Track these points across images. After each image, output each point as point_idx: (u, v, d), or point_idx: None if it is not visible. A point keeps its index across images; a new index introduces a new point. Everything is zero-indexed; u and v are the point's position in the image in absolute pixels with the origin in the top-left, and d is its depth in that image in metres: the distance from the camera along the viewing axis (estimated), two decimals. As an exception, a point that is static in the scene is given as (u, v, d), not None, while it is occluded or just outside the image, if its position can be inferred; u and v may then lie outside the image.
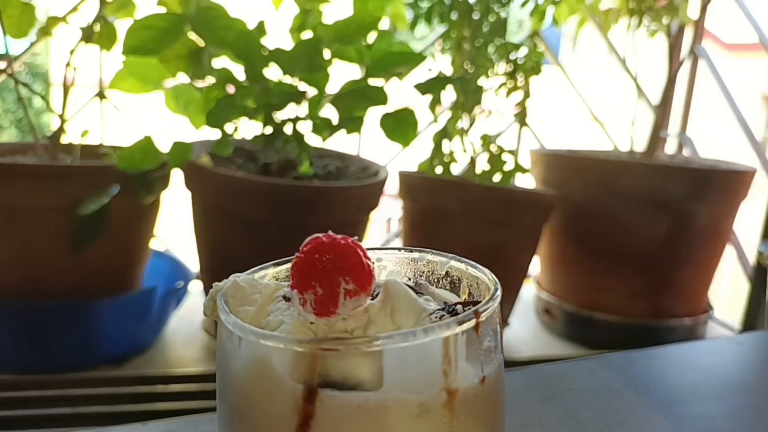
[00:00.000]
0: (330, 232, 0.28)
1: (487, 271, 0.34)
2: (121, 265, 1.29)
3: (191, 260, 1.42)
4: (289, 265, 0.36)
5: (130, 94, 1.34)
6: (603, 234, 1.51)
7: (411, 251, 0.38)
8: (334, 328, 0.27)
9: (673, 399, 0.68)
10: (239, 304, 0.29)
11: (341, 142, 1.40)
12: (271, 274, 0.35)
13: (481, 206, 1.36)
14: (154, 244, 1.47)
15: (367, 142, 1.55)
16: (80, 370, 1.22)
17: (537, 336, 1.61)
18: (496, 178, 1.46)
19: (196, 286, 1.46)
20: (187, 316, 1.47)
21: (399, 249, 0.38)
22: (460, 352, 0.27)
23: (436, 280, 0.37)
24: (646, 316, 1.51)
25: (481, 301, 0.32)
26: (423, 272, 0.38)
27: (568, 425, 0.63)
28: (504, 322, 1.46)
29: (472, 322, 0.27)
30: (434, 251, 0.38)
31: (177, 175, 1.30)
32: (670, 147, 1.87)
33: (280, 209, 1.20)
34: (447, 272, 0.37)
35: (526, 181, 1.62)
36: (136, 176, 1.18)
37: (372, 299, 0.33)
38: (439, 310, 0.31)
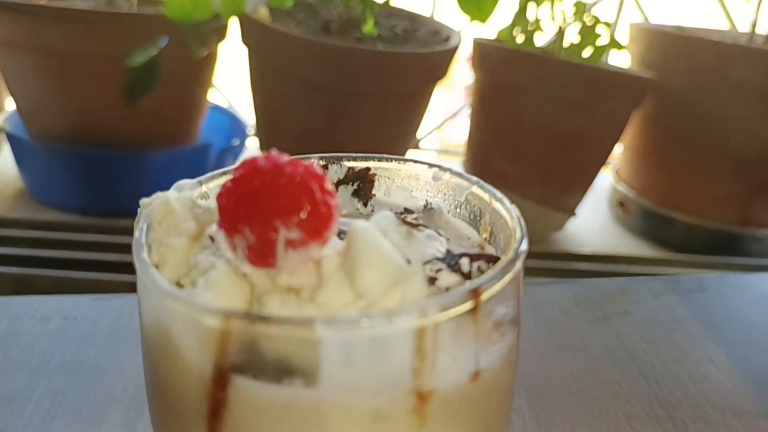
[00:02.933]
0: (273, 151, 0.19)
1: (513, 209, 0.25)
2: (176, 118, 1.26)
3: (252, 114, 1.36)
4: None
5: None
6: (700, 127, 1.33)
7: (429, 166, 0.29)
8: (276, 282, 0.20)
9: (744, 339, 0.58)
10: (166, 232, 0.22)
11: (413, 1, 1.25)
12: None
13: (564, 86, 1.21)
14: (214, 97, 1.42)
15: (443, 2, 1.38)
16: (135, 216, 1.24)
17: (606, 229, 1.50)
18: (586, 53, 1.28)
19: (253, 143, 1.42)
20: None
21: (414, 161, 0.30)
22: (442, 345, 0.19)
23: (454, 206, 0.29)
24: (732, 222, 1.36)
25: (497, 256, 0.23)
26: (439, 193, 0.29)
27: (615, 355, 0.56)
28: (571, 213, 1.35)
29: (468, 305, 0.19)
30: (458, 171, 0.29)
31: (235, 28, 1.22)
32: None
33: (337, 73, 1.11)
34: (467, 199, 0.28)
35: (620, 59, 1.43)
36: (188, 27, 1.11)
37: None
38: (437, 260, 0.23)
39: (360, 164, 0.29)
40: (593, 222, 1.50)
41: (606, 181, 1.56)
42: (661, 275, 1.23)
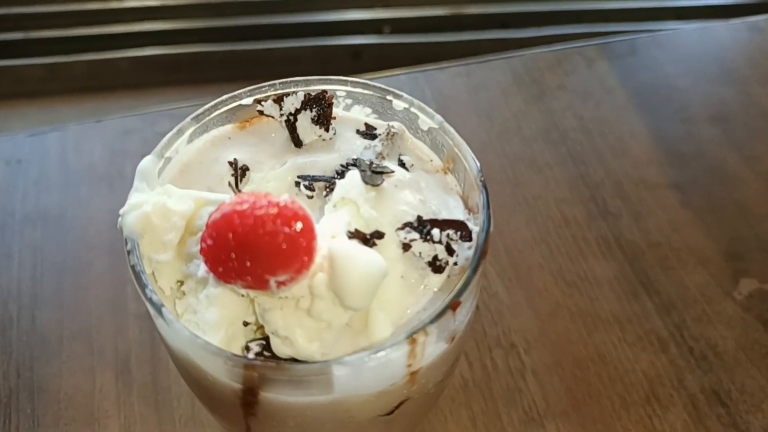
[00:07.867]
0: (241, 197, 0.20)
1: (474, 165, 0.26)
2: None
3: None
4: (210, 137, 0.28)
5: None
6: None
7: (398, 96, 0.29)
8: (274, 296, 0.22)
9: (666, 109, 0.63)
10: (153, 248, 0.23)
11: None
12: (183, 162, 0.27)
13: None
14: None
15: None
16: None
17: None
18: None
19: None
20: None
21: (373, 85, 0.29)
22: (429, 342, 0.22)
23: (414, 129, 0.29)
24: None
25: (460, 221, 0.26)
26: (401, 119, 0.29)
27: (548, 135, 0.60)
28: None
29: (448, 315, 0.22)
30: (420, 105, 0.29)
31: None
32: None
33: None
34: (429, 130, 0.29)
35: None
36: None
37: (328, 186, 0.26)
38: (409, 227, 0.25)
39: (315, 88, 0.28)
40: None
41: None
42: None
